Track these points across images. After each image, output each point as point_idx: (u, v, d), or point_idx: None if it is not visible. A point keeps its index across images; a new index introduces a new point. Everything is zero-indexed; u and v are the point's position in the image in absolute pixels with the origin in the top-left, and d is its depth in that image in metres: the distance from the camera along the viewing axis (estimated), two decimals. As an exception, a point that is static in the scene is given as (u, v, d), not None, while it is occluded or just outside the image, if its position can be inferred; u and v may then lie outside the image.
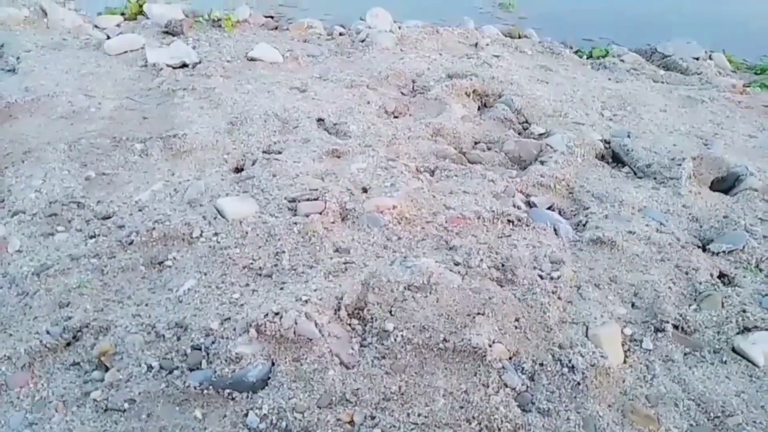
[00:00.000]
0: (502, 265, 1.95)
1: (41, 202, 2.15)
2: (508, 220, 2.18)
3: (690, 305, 1.86)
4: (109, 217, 2.12)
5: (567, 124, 2.91)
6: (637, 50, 4.18)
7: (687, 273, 1.98)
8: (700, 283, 1.93)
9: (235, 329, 1.62)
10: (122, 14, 4.16)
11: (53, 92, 2.90)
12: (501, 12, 4.95)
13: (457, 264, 1.93)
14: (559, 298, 1.82)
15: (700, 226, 2.26)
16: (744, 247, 2.09)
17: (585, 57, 4.06)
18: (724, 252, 2.09)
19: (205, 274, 1.87)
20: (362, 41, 3.78)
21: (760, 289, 1.95)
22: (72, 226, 2.07)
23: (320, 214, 2.12)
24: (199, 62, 3.35)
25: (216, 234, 2.03)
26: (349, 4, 4.73)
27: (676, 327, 1.78)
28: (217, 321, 1.66)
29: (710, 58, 4.07)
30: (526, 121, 3.01)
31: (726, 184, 2.51)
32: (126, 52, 3.44)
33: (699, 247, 2.14)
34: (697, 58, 3.99)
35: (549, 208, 2.35)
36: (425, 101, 3.10)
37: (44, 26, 3.77)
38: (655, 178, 2.53)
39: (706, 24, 4.80)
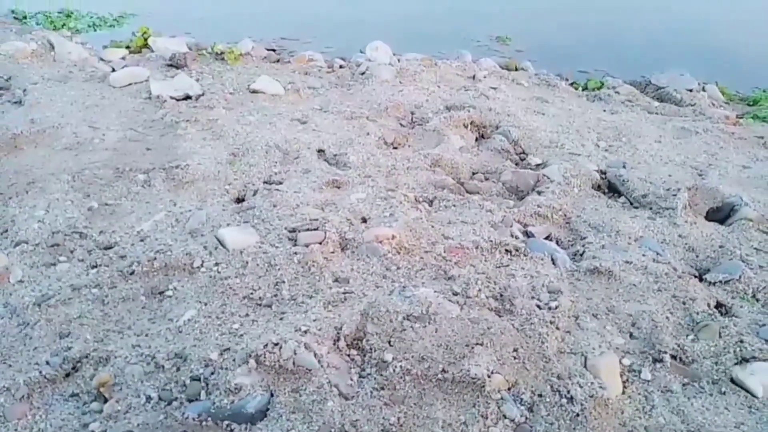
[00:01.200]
0: (501, 295, 1.96)
1: (44, 232, 2.18)
2: (506, 250, 2.21)
3: (688, 335, 1.87)
4: (111, 247, 2.14)
5: (563, 155, 2.95)
6: (632, 82, 4.27)
7: (684, 303, 1.99)
8: (698, 313, 1.94)
9: (234, 360, 1.62)
10: (127, 47, 4.26)
11: (58, 124, 2.96)
12: (498, 45, 5.06)
13: (455, 294, 1.95)
14: (558, 328, 1.83)
15: (697, 256, 2.29)
16: (740, 276, 2.11)
17: (580, 89, 4.14)
18: (720, 282, 2.11)
19: (206, 304, 1.88)
20: (362, 74, 3.86)
21: (757, 319, 1.96)
22: (74, 256, 2.09)
23: (320, 244, 2.14)
24: (202, 94, 3.41)
25: (217, 264, 2.05)
26: (349, 38, 4.85)
27: (674, 357, 1.78)
28: (216, 351, 1.66)
29: (703, 89, 4.15)
30: (523, 152, 3.06)
31: (721, 214, 2.54)
32: (130, 84, 3.51)
33: (695, 276, 2.16)
34: (691, 90, 4.07)
35: (546, 238, 2.37)
36: (424, 133, 3.16)
37: (51, 59, 3.85)
38: (651, 208, 2.56)
39: (698, 56, 4.91)
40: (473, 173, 2.89)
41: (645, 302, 1.98)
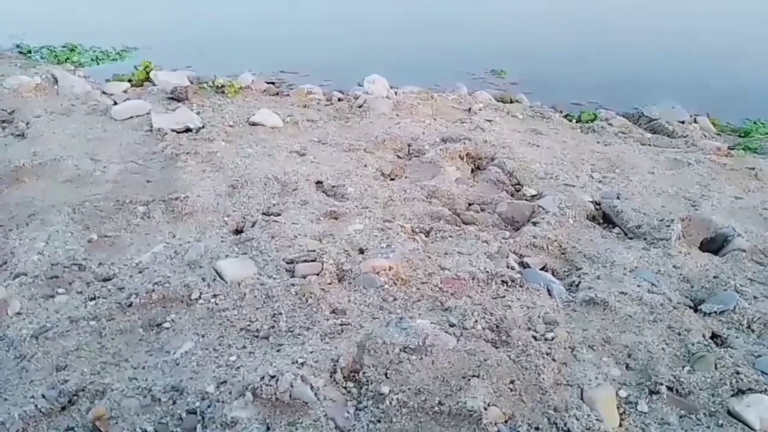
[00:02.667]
0: (497, 327, 1.97)
1: (43, 265, 2.19)
2: (502, 281, 2.22)
3: (684, 366, 1.87)
4: (110, 279, 2.15)
5: (558, 186, 2.99)
6: (625, 114, 4.35)
7: (680, 334, 2.00)
8: (693, 344, 1.95)
9: (231, 393, 1.62)
10: (130, 81, 4.34)
11: (60, 156, 3.00)
12: (493, 78, 5.17)
13: (452, 325, 1.96)
14: (554, 359, 1.83)
15: (691, 287, 2.30)
16: (735, 307, 2.12)
17: (574, 121, 4.21)
18: (715, 312, 2.12)
19: (203, 337, 1.89)
20: (360, 107, 3.93)
21: (753, 350, 1.96)
22: (72, 288, 2.10)
23: (317, 275, 2.16)
24: (203, 127, 3.47)
25: (215, 296, 2.06)
26: (347, 71, 4.94)
27: (670, 389, 1.78)
28: (213, 384, 1.66)
29: (695, 121, 4.23)
30: (519, 183, 3.10)
31: (715, 245, 2.56)
32: (132, 117, 3.57)
33: (690, 307, 2.17)
34: (683, 122, 4.15)
35: (542, 269, 2.39)
36: (420, 164, 3.20)
37: (54, 93, 3.92)
38: (645, 239, 2.59)
39: (689, 88, 5.00)
40: (469, 204, 2.92)
41: (641, 333, 1.99)
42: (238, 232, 2.53)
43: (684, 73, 5.51)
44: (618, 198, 2.90)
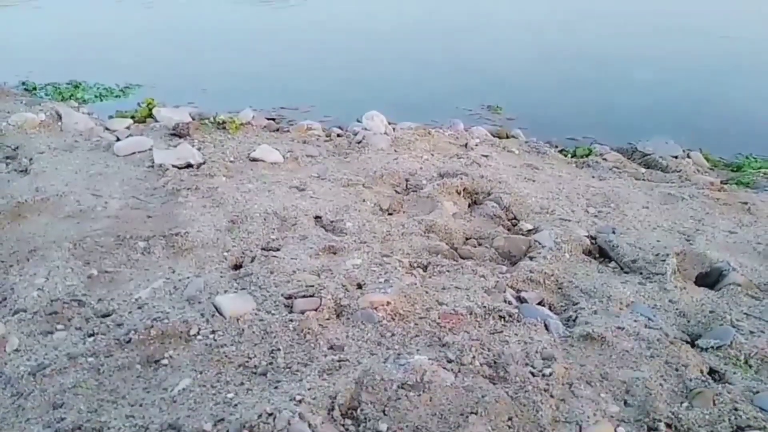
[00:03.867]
0: (495, 362, 1.98)
1: (43, 301, 2.21)
2: (500, 316, 2.23)
3: (682, 403, 1.87)
4: (109, 315, 2.16)
5: (554, 221, 3.03)
6: (619, 149, 4.41)
7: (677, 369, 2.00)
8: (691, 380, 1.95)
9: (228, 431, 1.62)
10: (132, 117, 4.42)
11: (62, 192, 3.04)
12: (489, 113, 5.26)
13: (450, 361, 1.96)
14: (552, 396, 1.83)
15: (688, 321, 2.31)
16: (732, 342, 2.12)
17: (569, 156, 4.27)
18: (712, 347, 2.12)
19: (201, 373, 1.89)
20: (359, 142, 3.99)
21: (751, 386, 1.96)
22: (71, 325, 2.11)
23: (315, 310, 2.17)
24: (204, 163, 3.52)
25: (213, 332, 2.07)
26: (346, 107, 5.04)
27: (669, 426, 1.78)
28: (210, 422, 1.66)
29: (688, 156, 4.29)
30: (515, 218, 3.13)
31: (710, 279, 2.58)
32: (134, 153, 3.62)
33: (687, 342, 2.17)
34: (676, 157, 4.21)
35: (539, 304, 2.40)
36: (418, 199, 3.25)
37: (58, 129, 3.99)
38: (641, 273, 2.61)
39: (682, 123, 5.10)
40: (466, 239, 2.95)
41: (638, 369, 1.99)
42: (237, 267, 2.55)
43: (676, 108, 5.62)
44: (613, 232, 2.93)
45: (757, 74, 6.78)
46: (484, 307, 2.25)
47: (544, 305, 2.40)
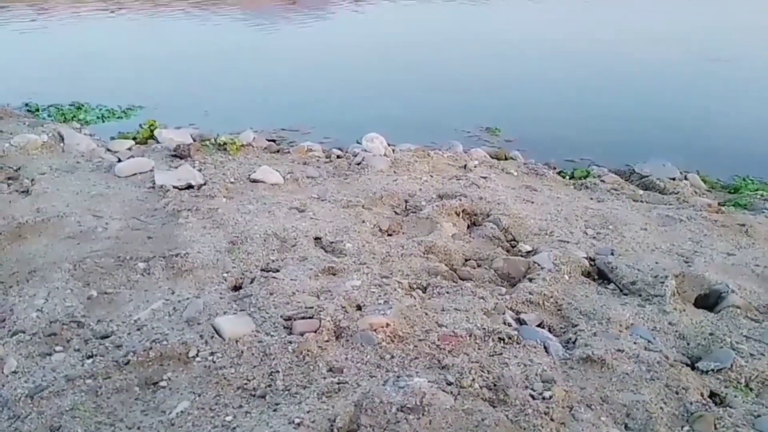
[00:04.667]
0: (494, 385, 1.97)
1: (42, 322, 2.20)
2: (499, 338, 2.23)
3: (683, 426, 1.86)
4: (108, 337, 2.16)
5: (553, 243, 3.04)
6: (617, 171, 4.44)
7: (677, 392, 1.99)
8: (691, 403, 1.94)
9: (226, 454, 1.61)
10: (134, 138, 4.45)
11: (63, 213, 3.05)
12: (488, 135, 5.31)
13: (449, 384, 1.95)
14: (552, 419, 1.82)
15: (688, 344, 2.31)
16: (732, 365, 2.12)
17: (567, 177, 4.30)
18: (712, 370, 2.12)
19: (199, 395, 1.88)
20: (358, 164, 4.02)
21: (752, 409, 1.96)
22: (70, 346, 2.10)
23: (315, 332, 2.17)
24: (204, 184, 3.55)
25: (212, 353, 2.06)
26: (346, 129, 5.09)
27: (670, 450, 1.77)
28: (208, 445, 1.65)
29: (686, 178, 4.32)
30: (514, 239, 3.15)
31: (709, 301, 2.58)
32: (135, 174, 3.65)
33: (687, 365, 2.17)
34: (673, 179, 4.24)
35: (539, 326, 2.40)
36: (417, 220, 3.26)
37: (60, 150, 4.02)
38: (640, 295, 2.61)
39: (678, 145, 5.14)
40: (466, 260, 2.96)
41: (638, 392, 1.99)
42: (236, 288, 2.56)
43: (673, 130, 5.67)
44: (612, 254, 2.94)
45: (751, 96, 6.86)
46: (484, 329, 2.25)
47: (543, 327, 2.40)
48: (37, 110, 5.34)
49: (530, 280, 2.70)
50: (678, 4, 14.27)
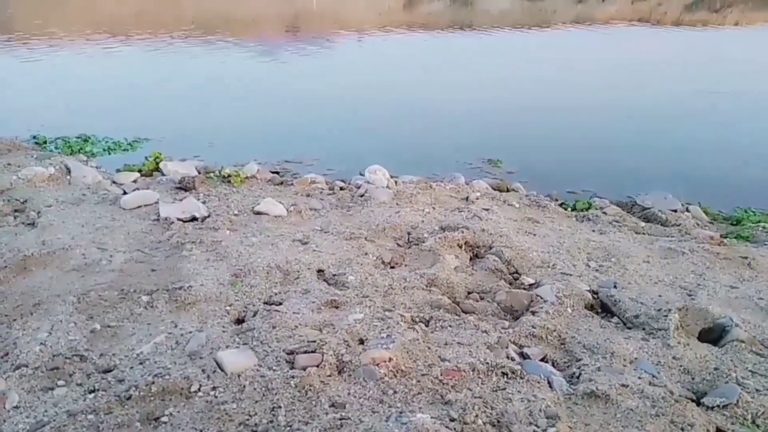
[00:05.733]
0: (498, 421, 1.95)
1: (45, 356, 2.20)
2: (503, 373, 2.22)
3: (689, 464, 1.84)
4: (110, 371, 2.15)
5: (555, 275, 3.04)
6: (618, 203, 4.47)
7: (683, 429, 1.97)
8: (698, 440, 1.92)
9: (227, 493, 1.59)
10: (140, 171, 4.51)
11: (68, 245, 3.08)
12: (489, 167, 5.36)
13: (452, 420, 1.94)
14: (557, 456, 1.80)
15: (692, 379, 2.29)
16: (738, 401, 2.10)
17: (569, 209, 4.32)
18: (718, 406, 2.10)
19: (201, 431, 1.87)
20: (361, 196, 4.06)
21: (759, 446, 1.93)
22: (72, 381, 2.10)
23: (317, 367, 2.16)
24: (208, 216, 3.58)
25: (214, 388, 2.05)
26: (349, 161, 5.15)
27: (677, 489, 1.74)
28: (209, 483, 1.63)
29: (687, 210, 4.34)
30: (516, 272, 3.15)
31: (713, 335, 2.57)
32: (140, 206, 3.68)
33: (693, 400, 2.15)
34: (675, 211, 4.26)
35: (542, 360, 2.39)
36: (420, 252, 3.27)
37: (67, 183, 4.07)
38: (643, 329, 2.60)
39: (680, 177, 5.18)
40: (468, 293, 2.96)
41: (643, 428, 1.97)
42: (239, 321, 2.56)
43: (674, 162, 5.72)
44: (615, 287, 2.94)
45: (751, 128, 6.93)
46: (487, 363, 2.24)
47: (547, 361, 2.39)
48: (45, 143, 5.41)
49: (533, 313, 2.70)
50: (673, 38, 14.53)
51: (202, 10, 16.34)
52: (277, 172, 4.83)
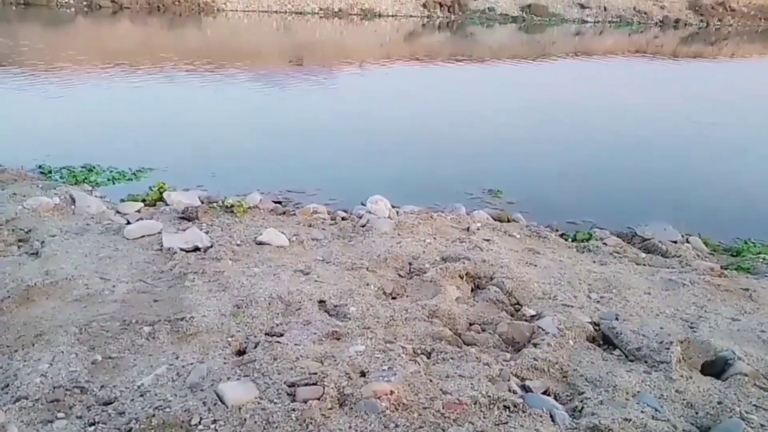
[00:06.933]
0: (500, 456, 1.94)
1: (45, 387, 2.20)
2: (505, 406, 2.21)
3: (695, 502, 1.81)
4: (111, 403, 2.15)
5: (557, 307, 3.04)
6: (618, 233, 4.49)
7: (687, 465, 1.95)
8: (702, 477, 1.90)
9: None
10: (143, 201, 4.54)
11: (71, 275, 3.09)
12: (490, 197, 5.39)
13: (454, 455, 1.92)
14: (560, 493, 1.78)
15: (696, 413, 2.28)
16: (742, 436, 2.09)
17: (570, 240, 4.34)
18: (722, 441, 2.08)
19: (201, 466, 1.85)
20: (363, 226, 4.08)
21: (765, 483, 1.91)
22: (72, 413, 2.09)
23: (318, 399, 2.16)
24: (211, 246, 3.59)
25: (215, 421, 2.05)
26: (351, 191, 5.19)
27: None
28: None
29: (687, 241, 4.36)
30: (518, 303, 3.15)
31: (716, 369, 2.56)
32: (143, 236, 3.70)
33: (697, 435, 2.14)
34: (675, 242, 4.27)
35: (544, 393, 2.38)
36: (421, 283, 3.28)
37: (71, 213, 4.10)
38: (646, 362, 2.59)
39: (680, 208, 5.21)
40: (470, 324, 2.95)
41: (648, 464, 1.95)
42: (241, 353, 2.55)
43: (674, 193, 5.76)
44: (617, 319, 2.94)
45: (750, 159, 7.00)
46: (489, 396, 2.23)
47: (549, 394, 2.38)
48: (50, 172, 5.46)
49: (535, 345, 2.69)
50: (670, 69, 14.76)
51: (206, 42, 16.67)
52: (280, 202, 4.87)
